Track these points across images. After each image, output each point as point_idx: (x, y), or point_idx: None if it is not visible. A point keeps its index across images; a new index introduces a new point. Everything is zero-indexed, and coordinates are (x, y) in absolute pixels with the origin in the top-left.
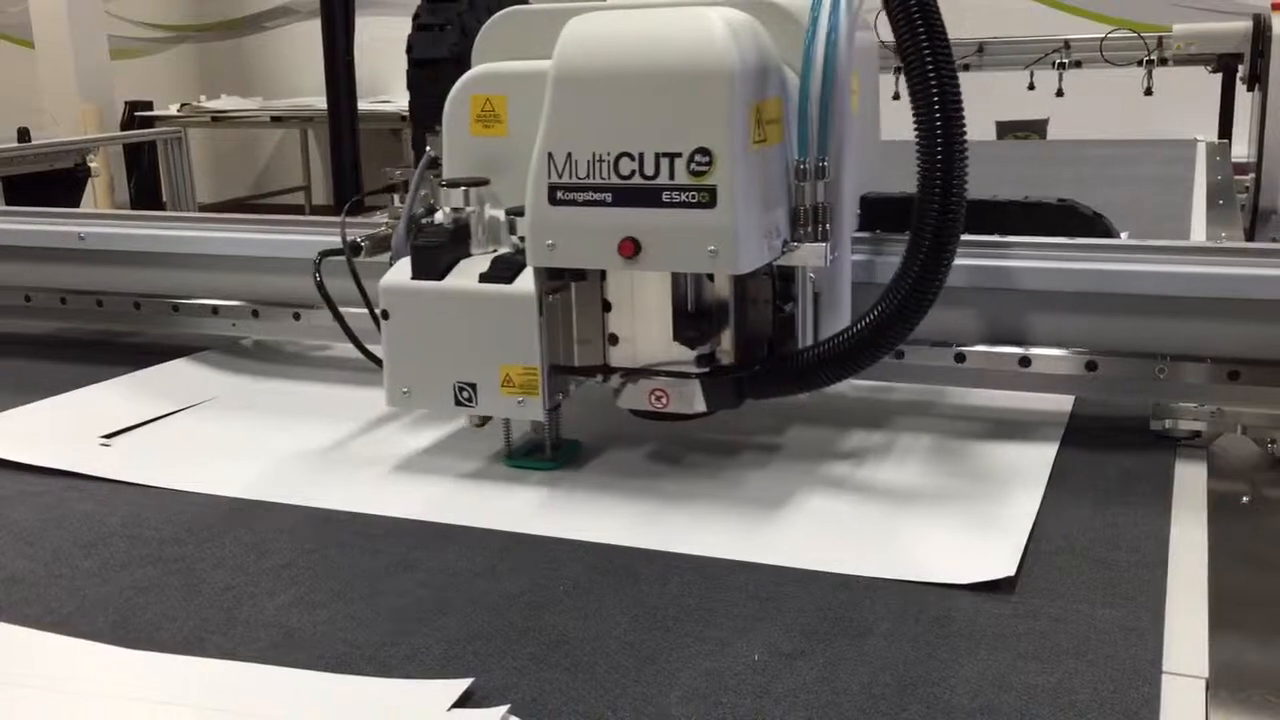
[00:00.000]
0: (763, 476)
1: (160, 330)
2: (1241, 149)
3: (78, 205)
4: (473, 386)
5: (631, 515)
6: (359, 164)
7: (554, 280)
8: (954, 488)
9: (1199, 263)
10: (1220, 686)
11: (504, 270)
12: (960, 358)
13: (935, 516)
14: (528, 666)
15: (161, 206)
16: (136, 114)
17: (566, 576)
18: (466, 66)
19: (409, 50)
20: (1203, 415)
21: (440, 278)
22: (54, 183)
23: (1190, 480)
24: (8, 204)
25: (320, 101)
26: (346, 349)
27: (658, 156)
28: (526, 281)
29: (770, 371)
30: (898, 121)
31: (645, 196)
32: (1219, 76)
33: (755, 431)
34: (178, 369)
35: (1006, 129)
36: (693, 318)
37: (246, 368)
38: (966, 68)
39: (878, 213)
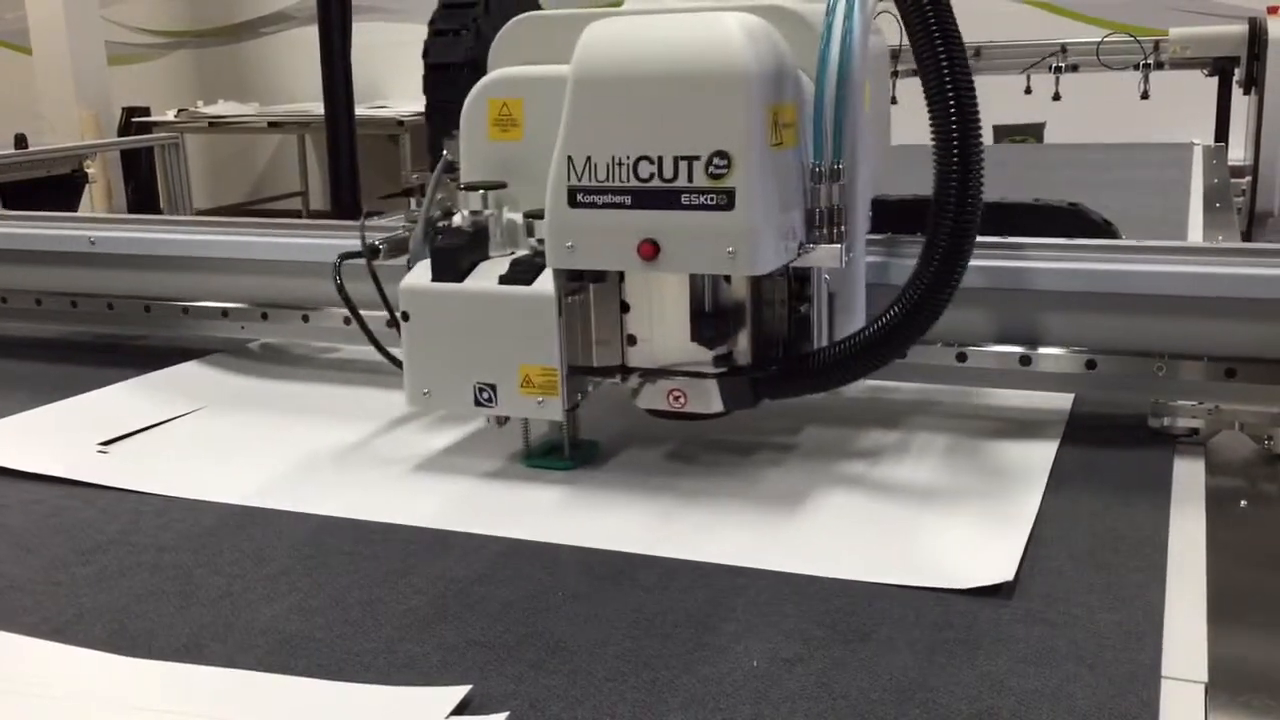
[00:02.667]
0: (778, 475)
1: (170, 333)
2: (1238, 152)
3: (75, 211)
4: (492, 387)
5: (650, 515)
6: (356, 169)
7: (573, 282)
8: (952, 492)
9: (1197, 262)
10: (1219, 690)
11: (523, 272)
12: (961, 356)
13: (933, 521)
14: (526, 673)
15: (159, 212)
16: (134, 120)
17: (565, 583)
18: (482, 71)
19: (425, 54)
20: (1200, 413)
21: (460, 279)
22: (52, 189)
23: (1188, 477)
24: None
25: (317, 107)
26: (354, 351)
27: (676, 159)
28: (546, 283)
29: (786, 372)
30: (899, 125)
31: (664, 199)
32: (1215, 80)
33: (770, 432)
34: (186, 372)
35: (1003, 133)
36: (710, 319)
37: (254, 370)
38: None
39: (889, 215)
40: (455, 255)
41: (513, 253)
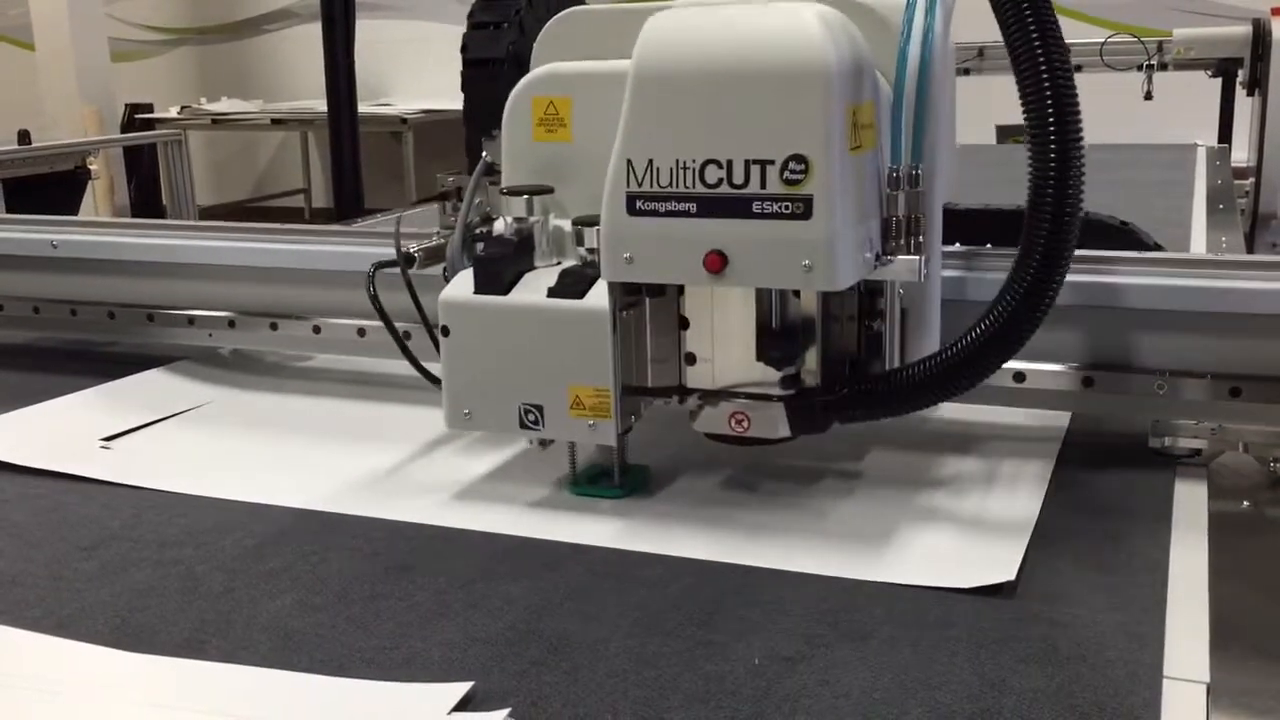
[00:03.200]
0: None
1: (135, 339)
2: (1241, 153)
3: (78, 208)
4: (539, 408)
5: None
6: (359, 167)
7: (628, 296)
8: (953, 492)
9: (1199, 276)
10: (1221, 691)
11: (574, 284)
12: None
13: (935, 521)
14: (528, 670)
15: (162, 209)
16: (137, 116)
17: (566, 580)
18: (525, 67)
19: (464, 50)
20: (1203, 433)
21: (505, 292)
22: (54, 185)
23: (1190, 499)
24: (8, 206)
25: (320, 104)
26: (327, 359)
27: (748, 164)
28: (598, 297)
29: (861, 393)
30: None
31: (734, 206)
32: (1219, 81)
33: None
34: (152, 379)
35: (1007, 133)
36: (778, 336)
37: (224, 378)
38: (967, 71)
39: (959, 225)
40: (499, 266)
41: (559, 263)
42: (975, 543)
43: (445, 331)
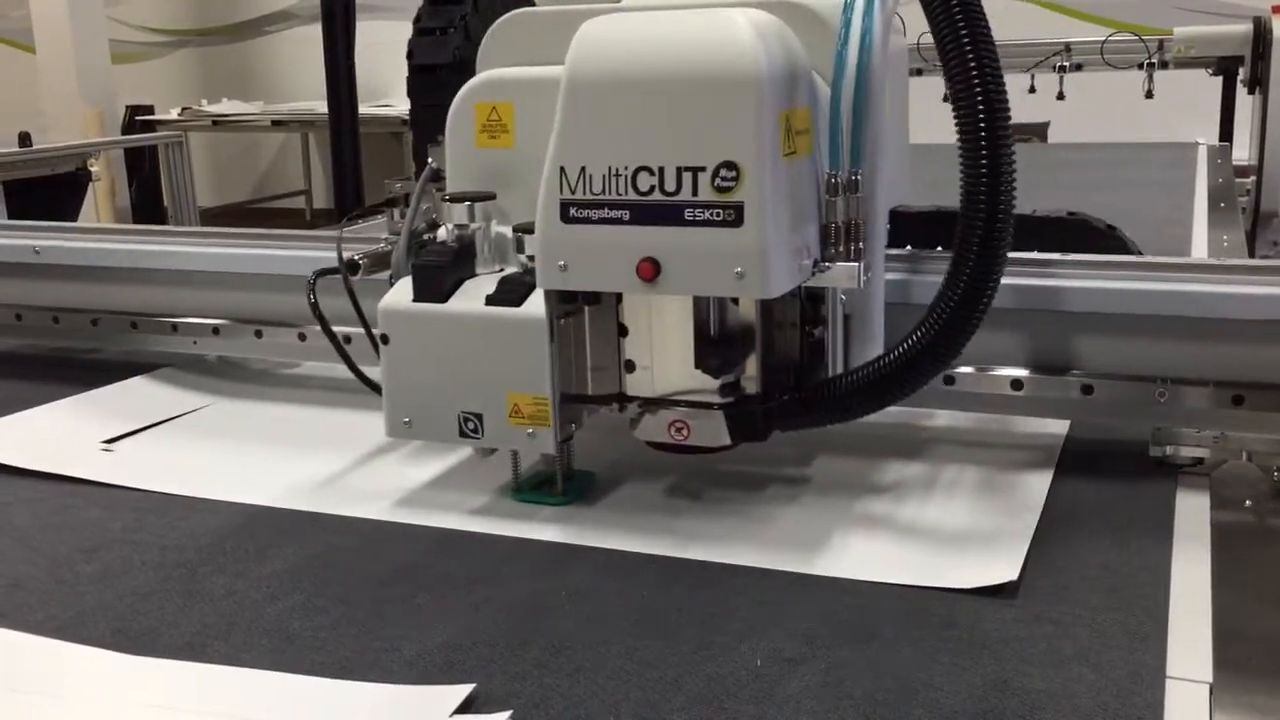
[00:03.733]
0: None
1: (118, 347)
2: (1242, 152)
3: (79, 209)
4: (478, 417)
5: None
6: (360, 168)
7: (566, 303)
8: (955, 493)
9: (1201, 281)
10: (1224, 691)
11: (512, 292)
12: (949, 380)
13: (937, 522)
14: (530, 672)
15: (163, 210)
16: (137, 118)
17: (569, 581)
18: (471, 73)
19: (409, 56)
20: (1205, 441)
21: (444, 299)
22: (56, 187)
23: (1192, 508)
24: (9, 208)
25: (321, 105)
26: (313, 367)
27: (679, 171)
28: (536, 304)
29: (801, 401)
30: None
31: (666, 214)
32: (1220, 79)
33: (778, 462)
34: (137, 386)
35: None
36: (716, 344)
37: (213, 385)
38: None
39: (910, 227)
40: (438, 273)
41: (501, 270)
42: (977, 543)
43: (384, 339)
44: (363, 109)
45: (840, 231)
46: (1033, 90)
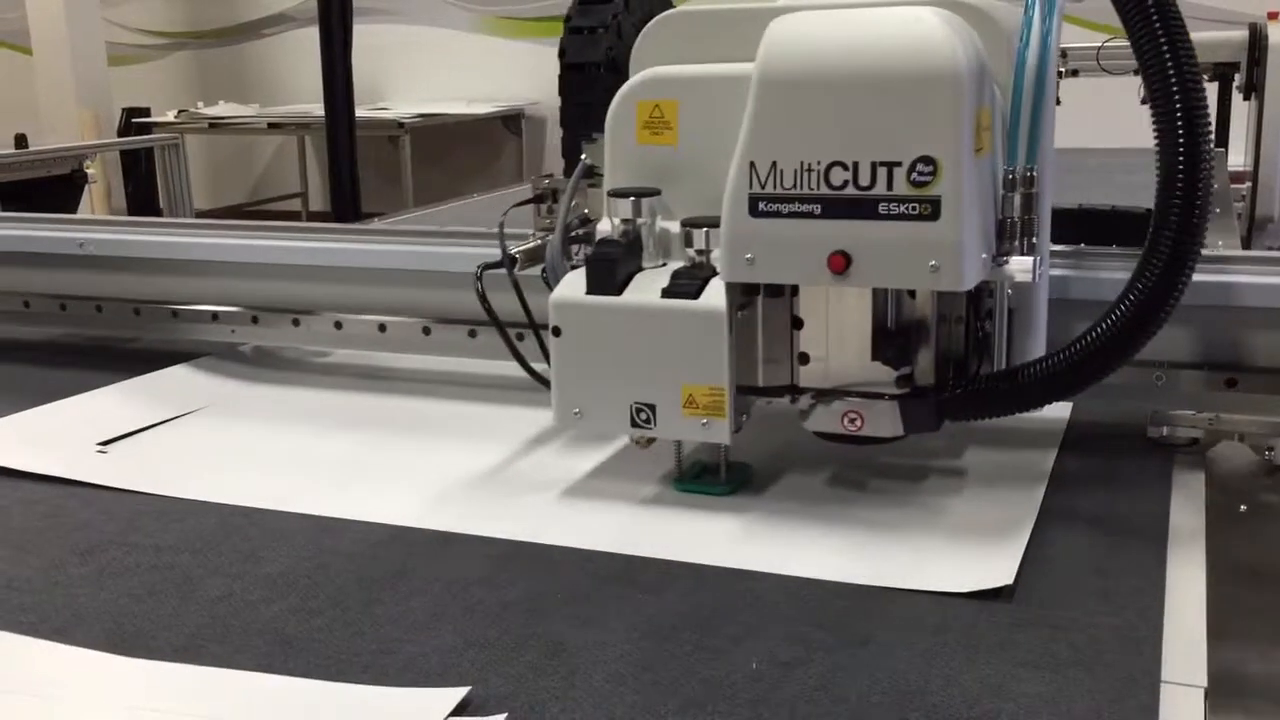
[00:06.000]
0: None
1: (159, 336)
2: (1238, 157)
3: (75, 211)
4: (651, 408)
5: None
6: (356, 171)
7: (742, 296)
8: (951, 496)
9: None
10: (1219, 695)
11: (688, 285)
12: None
13: (933, 525)
14: (525, 675)
15: (159, 213)
16: (134, 120)
17: (564, 584)
18: (622, 71)
19: (561, 54)
20: (1200, 423)
21: (618, 292)
22: (51, 189)
23: (1188, 487)
24: (5, 210)
25: (318, 108)
26: (346, 355)
27: (874, 166)
28: (714, 296)
29: (977, 392)
30: None
31: (859, 208)
32: (1215, 86)
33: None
34: (176, 375)
35: None
36: (894, 336)
37: (246, 374)
38: None
39: (1063, 225)
40: (613, 266)
41: (665, 264)
42: (973, 546)
43: (556, 332)
44: (359, 112)
45: (1016, 226)
46: None
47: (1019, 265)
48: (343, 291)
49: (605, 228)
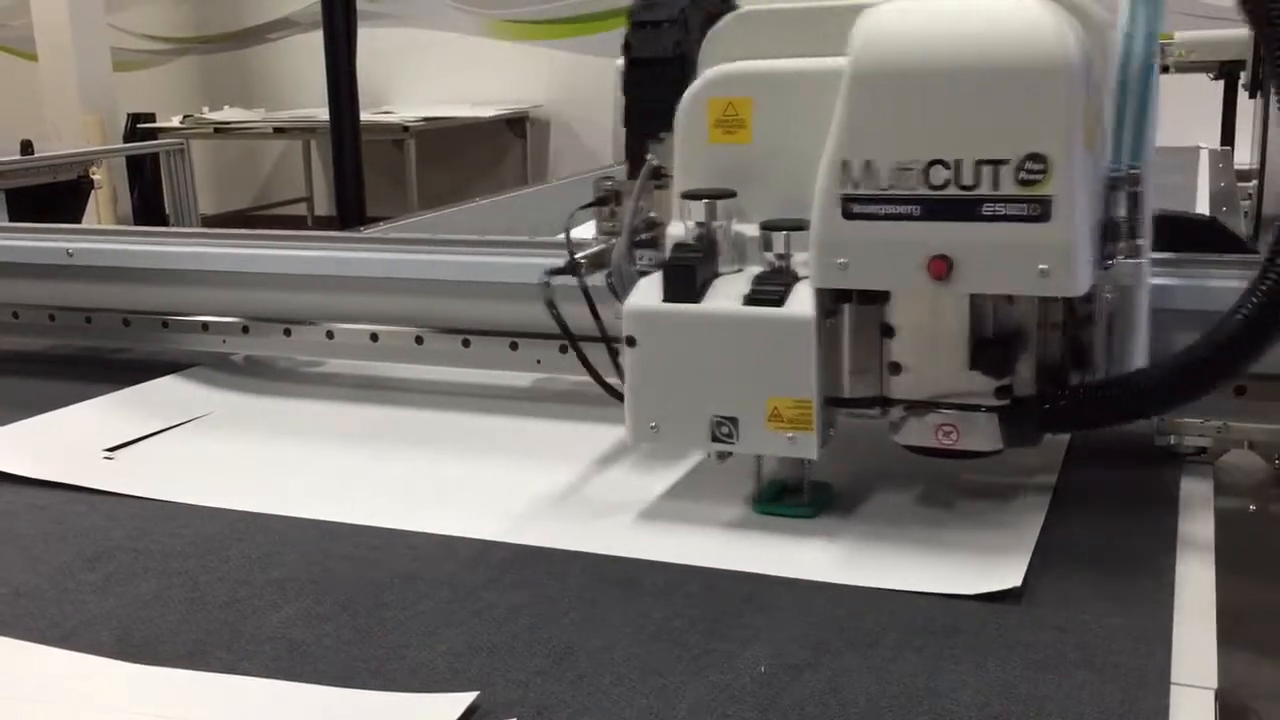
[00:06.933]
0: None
1: (149, 346)
2: (1244, 156)
3: (81, 217)
4: (733, 421)
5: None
6: (361, 175)
7: (835, 303)
8: (958, 498)
9: (1201, 275)
10: (1229, 698)
11: (771, 291)
12: None
13: (940, 527)
14: (533, 680)
15: (164, 218)
16: (139, 126)
17: (571, 588)
18: (690, 67)
19: (626, 49)
20: (1209, 431)
21: (697, 300)
22: (58, 195)
23: (1196, 494)
24: (11, 217)
25: (322, 112)
26: (340, 365)
27: (978, 164)
28: (800, 304)
29: (1079, 403)
30: None
31: (961, 209)
32: (1221, 84)
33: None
34: (173, 384)
35: None
36: (995, 344)
37: (243, 383)
38: None
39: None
40: (692, 273)
41: (740, 269)
42: (981, 549)
43: (631, 342)
44: (364, 116)
45: (1122, 228)
46: None
47: (1127, 269)
48: (334, 301)
49: (676, 231)
